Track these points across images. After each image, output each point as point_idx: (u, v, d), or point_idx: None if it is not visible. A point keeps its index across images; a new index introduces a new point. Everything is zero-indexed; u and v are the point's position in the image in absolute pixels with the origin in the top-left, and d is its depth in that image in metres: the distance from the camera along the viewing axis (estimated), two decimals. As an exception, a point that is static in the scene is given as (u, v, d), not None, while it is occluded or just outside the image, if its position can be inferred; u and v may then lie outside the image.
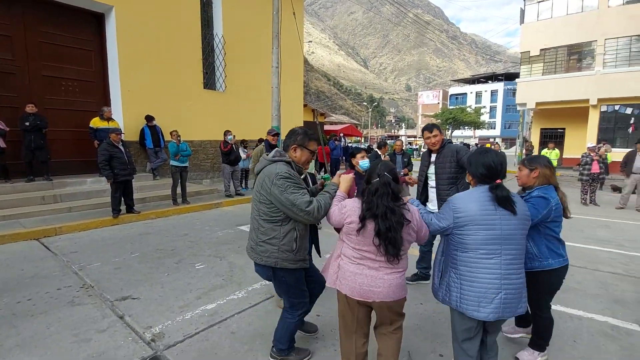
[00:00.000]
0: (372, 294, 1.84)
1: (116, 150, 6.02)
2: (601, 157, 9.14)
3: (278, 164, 2.09)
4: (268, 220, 2.08)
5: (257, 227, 2.14)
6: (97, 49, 8.59)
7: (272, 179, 2.01)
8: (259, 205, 2.11)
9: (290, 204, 1.97)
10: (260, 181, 2.11)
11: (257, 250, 2.13)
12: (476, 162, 1.95)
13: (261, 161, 2.19)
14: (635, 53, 15.61)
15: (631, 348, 2.62)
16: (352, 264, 1.90)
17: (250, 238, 2.21)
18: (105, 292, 3.42)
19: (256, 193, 2.15)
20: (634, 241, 5.43)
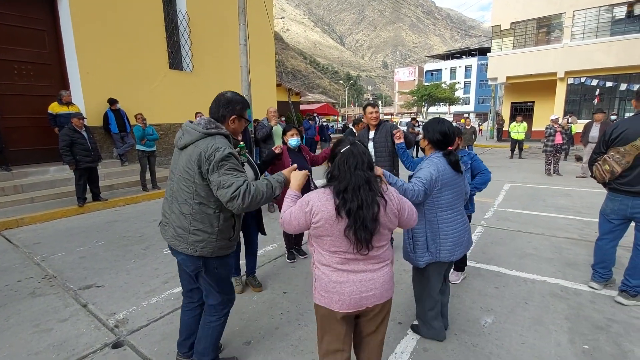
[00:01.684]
0: (364, 300, 1.53)
1: (78, 136, 5.74)
2: (564, 128, 9.50)
3: (216, 138, 1.77)
4: (205, 205, 1.77)
5: (189, 213, 1.79)
6: (49, 29, 7.99)
7: (210, 155, 1.69)
8: (193, 186, 1.75)
9: (216, 185, 1.69)
10: (190, 157, 1.74)
11: (189, 240, 1.79)
12: (433, 129, 2.21)
13: (189, 132, 1.80)
14: (602, 24, 15.97)
15: (577, 307, 2.81)
16: (333, 273, 1.53)
17: (175, 225, 1.82)
18: (69, 282, 3.34)
19: (187, 171, 1.76)
20: (591, 207, 5.75)
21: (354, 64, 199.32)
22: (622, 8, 15.54)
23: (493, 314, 2.70)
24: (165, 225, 1.91)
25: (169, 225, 1.88)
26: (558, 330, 2.49)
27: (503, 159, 12.67)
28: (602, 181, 2.81)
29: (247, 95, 8.28)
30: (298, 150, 3.52)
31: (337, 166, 1.52)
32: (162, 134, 9.65)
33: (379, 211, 1.48)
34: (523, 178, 8.63)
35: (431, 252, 2.18)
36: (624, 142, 2.61)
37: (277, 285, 3.22)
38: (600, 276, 3.04)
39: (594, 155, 2.86)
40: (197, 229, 1.80)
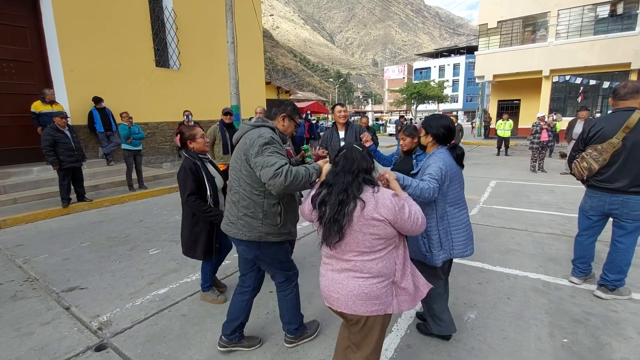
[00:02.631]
0: (331, 299, 1.57)
1: (61, 136, 5.63)
2: (550, 125, 9.68)
3: (261, 129, 1.96)
4: (250, 192, 1.94)
5: (237, 200, 1.99)
6: (31, 26, 7.80)
7: (254, 141, 1.87)
8: (240, 174, 1.95)
9: (260, 166, 1.80)
10: (240, 148, 1.96)
11: (238, 224, 1.99)
12: (437, 125, 2.20)
13: (242, 127, 2.05)
14: (586, 23, 16.28)
15: (558, 301, 2.88)
16: (322, 265, 1.66)
17: (229, 213, 2.05)
18: (51, 284, 3.28)
19: (236, 161, 1.98)
20: (573, 204, 5.87)
21: (344, 62, 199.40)
22: (605, 7, 15.87)
23: (476, 310, 2.75)
24: (225, 215, 2.15)
25: (225, 215, 2.12)
26: (539, 325, 2.55)
27: (490, 156, 12.86)
28: (581, 178, 2.88)
29: (235, 93, 8.22)
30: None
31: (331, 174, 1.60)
32: (149, 133, 9.53)
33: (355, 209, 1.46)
34: (509, 175, 8.78)
35: (445, 249, 2.17)
36: (601, 140, 2.67)
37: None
38: (580, 271, 3.12)
39: (573, 153, 2.92)
40: (244, 214, 1.97)
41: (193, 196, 2.52)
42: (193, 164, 2.58)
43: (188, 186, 2.51)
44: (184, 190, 2.53)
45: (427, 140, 2.26)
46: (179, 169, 2.62)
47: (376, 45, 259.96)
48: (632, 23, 15.22)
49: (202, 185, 2.58)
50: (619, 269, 2.80)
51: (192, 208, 2.56)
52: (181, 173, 2.57)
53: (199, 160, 2.65)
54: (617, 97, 2.67)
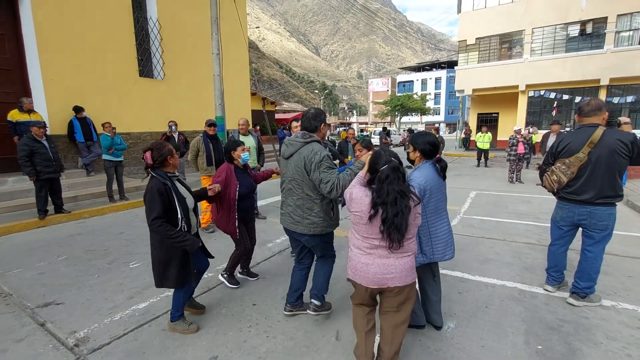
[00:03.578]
0: (386, 280, 1.92)
1: (38, 146, 5.50)
2: (526, 138, 10.06)
3: (312, 144, 2.43)
4: (314, 198, 2.45)
5: (301, 205, 2.50)
6: (10, 33, 7.64)
7: (311, 158, 2.36)
8: (302, 185, 2.45)
9: (318, 180, 2.34)
10: (298, 163, 2.42)
11: (304, 223, 2.51)
12: (423, 141, 2.48)
13: (292, 144, 2.48)
14: (558, 41, 17.15)
15: (533, 309, 2.98)
16: (362, 255, 1.95)
17: (293, 214, 2.55)
18: (26, 300, 3.17)
19: (297, 173, 2.45)
20: (548, 213, 5.98)
21: (329, 74, 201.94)
22: (576, 27, 16.77)
23: (456, 319, 2.82)
24: (283, 215, 2.66)
25: (287, 215, 2.61)
26: (515, 332, 2.63)
27: (470, 167, 13.21)
28: (552, 190, 3.02)
29: (220, 104, 8.22)
30: (244, 168, 3.35)
31: (377, 181, 1.88)
32: (131, 143, 9.38)
33: (409, 214, 1.85)
34: (488, 186, 9.04)
35: (425, 253, 2.45)
36: (568, 154, 2.83)
37: (247, 297, 3.20)
38: (553, 279, 3.24)
39: (543, 166, 3.07)
40: (309, 215, 2.50)
41: (159, 220, 2.29)
42: (162, 184, 2.35)
43: (154, 209, 2.28)
44: (149, 213, 2.30)
45: (415, 155, 2.53)
46: (146, 190, 2.37)
47: (361, 58, 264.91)
48: (601, 42, 16.13)
49: (172, 207, 2.37)
50: (589, 277, 2.93)
51: (157, 233, 2.34)
52: (148, 195, 2.33)
53: (169, 179, 2.42)
54: (581, 114, 2.84)
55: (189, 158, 5.34)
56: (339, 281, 3.38)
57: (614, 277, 3.55)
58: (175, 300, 2.62)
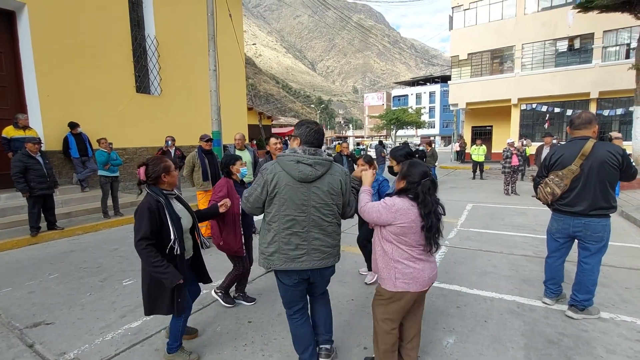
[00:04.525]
0: (430, 280, 2.09)
1: (33, 162, 5.47)
2: (519, 150, 10.17)
3: (334, 163, 2.15)
4: (338, 220, 2.17)
5: (333, 231, 2.13)
6: (7, 50, 7.72)
7: (345, 178, 2.13)
8: (335, 209, 2.10)
9: (348, 204, 2.19)
10: (331, 184, 2.06)
11: (334, 253, 2.17)
12: (399, 154, 2.84)
13: (321, 163, 2.03)
14: (548, 56, 17.58)
15: (532, 323, 2.94)
16: (414, 263, 2.03)
17: (323, 247, 2.09)
18: (14, 320, 3.09)
19: (328, 198, 2.05)
20: (544, 225, 6.00)
21: (325, 89, 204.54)
22: (564, 42, 17.23)
23: (455, 334, 2.77)
24: (301, 256, 2.06)
25: (310, 254, 2.07)
26: (515, 347, 2.59)
27: (466, 179, 13.28)
28: (546, 202, 3.04)
29: (217, 119, 8.28)
30: (241, 183, 3.27)
31: (421, 192, 1.99)
32: (127, 158, 9.37)
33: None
34: (484, 198, 9.07)
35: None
36: (561, 166, 2.86)
37: (242, 315, 3.14)
38: (551, 292, 3.22)
39: (537, 179, 3.10)
40: (337, 241, 2.20)
41: (145, 241, 2.09)
42: (155, 201, 2.18)
43: (142, 229, 2.10)
44: (136, 233, 2.12)
45: (398, 169, 2.66)
46: (138, 206, 2.22)
47: (356, 73, 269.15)
48: (589, 56, 16.55)
49: (164, 227, 2.18)
50: (586, 289, 2.92)
51: (140, 254, 2.12)
52: (137, 212, 2.18)
53: (163, 197, 2.24)
54: (573, 127, 2.89)
55: (185, 174, 5.33)
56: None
57: (611, 289, 3.53)
58: (174, 329, 2.38)
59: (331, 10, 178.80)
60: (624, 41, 15.99)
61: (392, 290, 2.05)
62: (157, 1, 10.21)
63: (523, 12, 17.97)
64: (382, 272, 2.10)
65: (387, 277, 2.06)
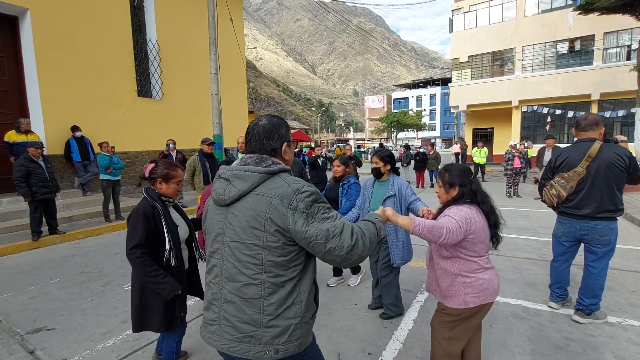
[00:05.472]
0: (498, 290, 1.94)
1: (35, 166, 5.47)
2: (521, 153, 10.14)
3: (282, 176, 1.28)
4: (282, 276, 1.23)
5: (258, 297, 1.22)
6: (9, 55, 7.74)
7: (291, 201, 1.19)
8: (262, 254, 1.21)
9: (324, 237, 1.19)
10: (254, 211, 1.21)
11: (264, 338, 1.22)
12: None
13: (242, 176, 1.25)
14: (549, 58, 17.60)
15: (538, 327, 2.91)
16: (486, 272, 1.88)
17: (236, 319, 1.24)
18: (15, 326, 3.07)
19: (246, 235, 1.22)
20: (548, 228, 6.03)
21: (326, 92, 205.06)
22: (565, 44, 17.25)
23: (460, 339, 2.73)
24: (211, 324, 1.30)
25: (221, 324, 1.27)
26: (521, 352, 2.56)
27: (468, 182, 13.22)
28: (551, 205, 3.01)
29: (218, 122, 8.29)
30: None
31: (479, 193, 1.90)
32: (128, 162, 9.37)
33: None
34: (487, 201, 9.01)
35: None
36: (567, 168, 2.83)
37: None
38: (557, 295, 3.18)
39: (542, 181, 3.07)
40: (275, 317, 1.22)
41: (138, 249, 1.92)
42: (151, 207, 2.02)
43: (136, 235, 1.94)
44: (129, 240, 1.95)
45: (386, 169, 2.96)
46: (132, 210, 2.04)
47: (356, 76, 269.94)
48: (590, 58, 16.55)
49: (159, 235, 2.01)
50: (593, 293, 2.88)
51: (133, 264, 1.95)
52: (131, 217, 2.00)
53: (161, 203, 2.07)
54: (578, 129, 2.86)
55: (185, 177, 5.32)
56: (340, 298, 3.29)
57: (618, 293, 3.50)
58: (167, 350, 2.15)
59: (331, 13, 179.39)
60: (625, 43, 16.00)
61: (461, 308, 1.87)
62: (158, 6, 10.25)
63: (523, 15, 18.01)
64: (447, 291, 1.91)
65: (455, 294, 1.87)
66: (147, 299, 2.02)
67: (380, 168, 2.98)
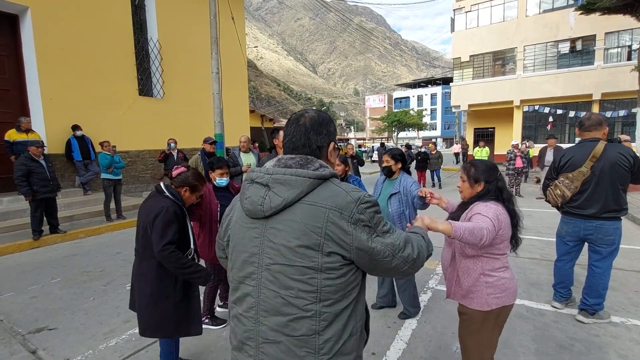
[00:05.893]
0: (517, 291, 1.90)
1: (36, 165, 5.46)
2: (523, 152, 10.12)
3: (335, 182, 1.06)
4: (340, 301, 1.00)
5: (312, 333, 0.97)
6: (10, 54, 7.74)
7: (352, 213, 0.98)
8: (316, 278, 0.96)
9: (390, 253, 1.02)
10: (306, 225, 0.97)
11: None
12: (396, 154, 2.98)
13: (289, 181, 1.00)
14: (550, 58, 17.57)
15: (542, 327, 2.90)
16: (506, 271, 1.85)
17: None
18: (17, 325, 3.06)
19: (295, 255, 0.97)
20: (550, 228, 6.05)
21: (326, 91, 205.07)
22: (566, 44, 17.21)
23: (463, 339, 2.72)
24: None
25: None
26: (526, 352, 2.55)
27: (469, 182, 13.20)
28: (555, 205, 2.99)
29: (219, 122, 8.27)
30: (225, 188, 2.97)
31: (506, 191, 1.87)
32: (129, 161, 9.36)
33: None
34: (488, 200, 8.99)
35: None
36: (571, 168, 2.82)
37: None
38: (561, 295, 3.17)
39: (546, 181, 3.06)
40: (332, 355, 0.99)
41: (171, 245, 1.95)
42: (179, 207, 2.08)
43: (169, 233, 1.95)
44: (161, 237, 1.93)
45: (397, 167, 2.97)
46: (156, 209, 2.01)
47: (357, 75, 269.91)
48: (591, 58, 16.52)
49: (185, 234, 2.09)
50: (597, 293, 2.87)
51: (167, 259, 1.93)
52: (162, 215, 1.98)
53: (184, 205, 2.15)
54: (582, 129, 2.85)
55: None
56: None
57: (621, 292, 3.49)
58: (166, 352, 2.18)
59: (332, 12, 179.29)
60: (626, 43, 15.97)
61: (485, 310, 1.80)
62: (159, 5, 10.24)
63: (525, 14, 17.96)
64: (468, 291, 1.84)
65: (477, 295, 1.81)
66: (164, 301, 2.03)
67: (391, 167, 2.97)
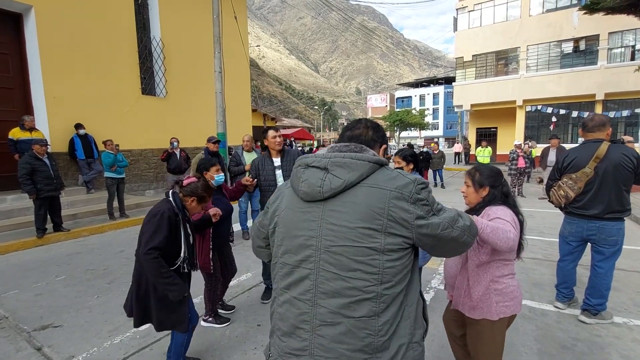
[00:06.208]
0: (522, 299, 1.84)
1: (40, 163, 5.49)
2: (526, 153, 10.10)
3: (389, 168, 1.10)
4: (398, 287, 1.01)
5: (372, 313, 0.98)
6: (14, 52, 7.77)
7: (411, 193, 1.00)
8: (378, 259, 0.97)
9: (449, 225, 1.05)
10: (368, 206, 0.99)
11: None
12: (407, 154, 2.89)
13: (349, 164, 1.03)
14: (553, 58, 17.51)
15: (545, 327, 2.90)
16: (513, 278, 1.79)
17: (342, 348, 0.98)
18: (22, 323, 3.09)
19: (357, 235, 0.98)
20: (553, 228, 6.04)
21: (328, 90, 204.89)
22: (569, 44, 17.15)
23: (466, 339, 2.73)
24: (298, 354, 1.03)
25: (314, 355, 1.00)
26: (528, 352, 2.55)
27: (471, 182, 13.18)
28: (559, 205, 3.00)
29: (222, 121, 8.30)
30: (219, 189, 2.94)
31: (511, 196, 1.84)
32: (132, 160, 9.40)
33: None
34: (490, 200, 8.99)
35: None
36: (575, 169, 2.82)
37: (251, 318, 3.12)
38: (563, 296, 3.18)
39: (549, 182, 3.06)
40: (389, 337, 1.00)
41: (156, 251, 1.91)
42: (174, 213, 2.06)
43: (157, 237, 1.93)
44: (148, 240, 1.93)
45: (408, 168, 2.87)
46: (154, 210, 2.03)
47: (359, 74, 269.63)
48: (594, 58, 16.45)
49: (176, 242, 2.06)
50: (600, 293, 2.88)
51: (147, 264, 1.92)
52: (155, 217, 1.98)
53: (182, 212, 2.13)
54: (585, 130, 2.85)
55: (192, 175, 5.32)
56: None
57: (623, 293, 3.49)
58: (177, 347, 2.22)
59: (334, 11, 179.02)
60: (629, 43, 15.91)
61: (493, 320, 1.73)
62: (162, 4, 10.26)
63: (528, 14, 17.90)
64: (478, 302, 1.76)
65: (486, 304, 1.74)
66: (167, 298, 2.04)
67: (402, 168, 2.83)
